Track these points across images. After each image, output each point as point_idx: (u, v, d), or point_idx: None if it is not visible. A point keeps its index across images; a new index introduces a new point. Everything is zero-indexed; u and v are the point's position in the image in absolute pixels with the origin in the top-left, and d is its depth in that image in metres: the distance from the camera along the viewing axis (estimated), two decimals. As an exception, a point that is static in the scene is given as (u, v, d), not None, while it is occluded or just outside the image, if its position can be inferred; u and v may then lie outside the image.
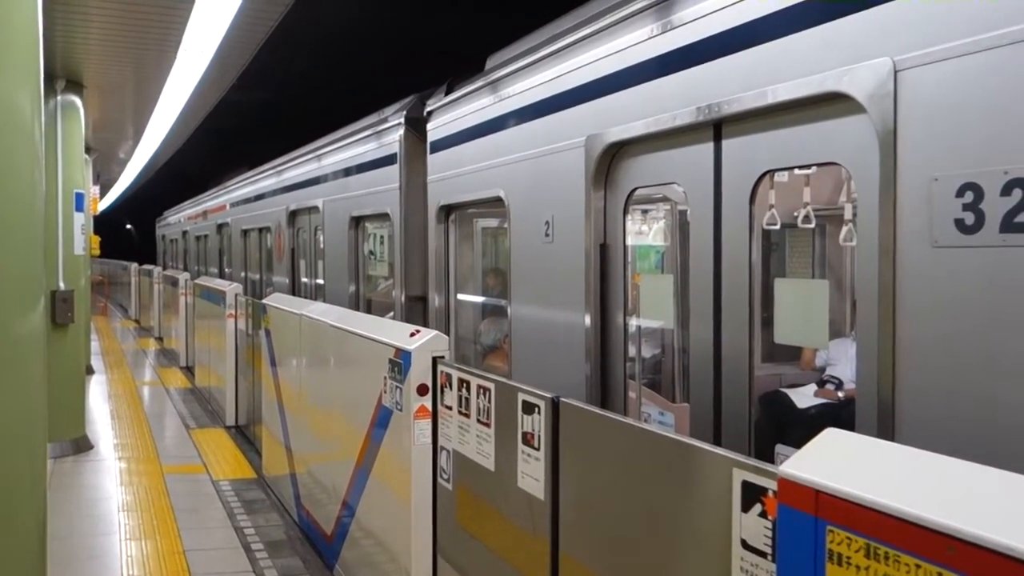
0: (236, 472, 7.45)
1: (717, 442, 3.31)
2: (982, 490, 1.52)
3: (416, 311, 6.40)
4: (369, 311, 7.54)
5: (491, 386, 3.31)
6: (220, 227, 15.70)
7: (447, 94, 5.90)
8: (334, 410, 5.18)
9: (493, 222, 6.17)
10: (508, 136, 4.90)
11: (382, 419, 4.19)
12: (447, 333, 5.31)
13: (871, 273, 2.59)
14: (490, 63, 5.43)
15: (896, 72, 2.47)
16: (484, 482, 3.38)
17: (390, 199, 6.72)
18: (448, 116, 5.82)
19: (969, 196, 2.24)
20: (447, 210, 5.95)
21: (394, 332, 4.23)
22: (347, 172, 8.02)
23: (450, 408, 3.66)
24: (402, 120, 6.58)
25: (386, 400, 4.12)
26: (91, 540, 5.72)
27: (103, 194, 24.24)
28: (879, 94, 2.52)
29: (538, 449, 2.95)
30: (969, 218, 2.24)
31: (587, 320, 4.06)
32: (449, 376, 3.67)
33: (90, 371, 12.78)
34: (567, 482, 2.85)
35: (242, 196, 13.70)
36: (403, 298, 6.56)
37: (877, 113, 2.53)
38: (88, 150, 12.35)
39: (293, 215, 10.14)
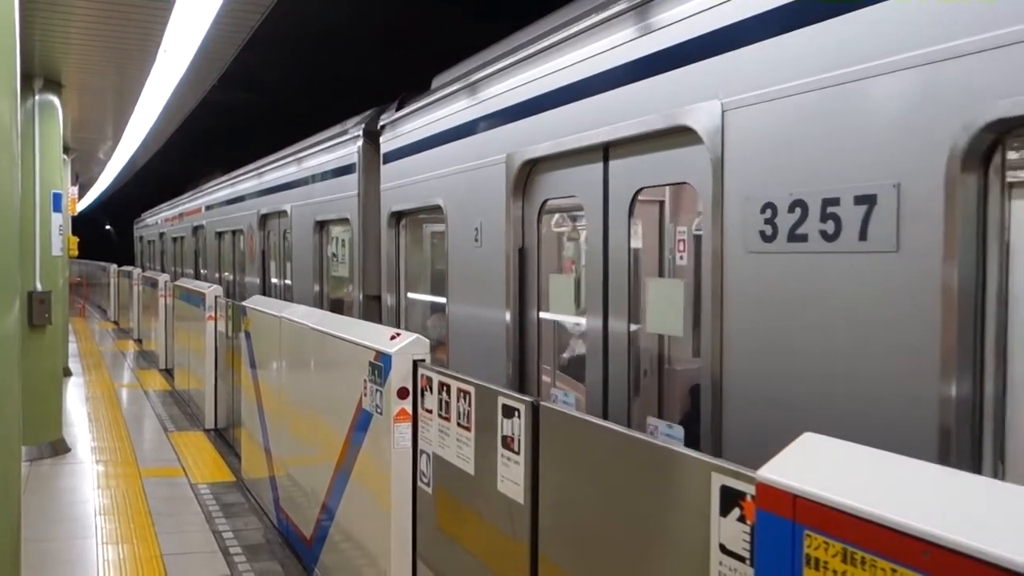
0: (215, 475, 7.40)
1: (605, 416, 3.83)
2: (957, 495, 1.54)
3: (372, 309, 6.86)
4: (333, 310, 7.81)
5: (471, 390, 3.30)
6: (196, 229, 16.00)
7: (398, 110, 6.36)
8: (314, 413, 5.16)
9: (438, 227, 6.42)
10: (447, 151, 5.39)
11: (362, 422, 4.17)
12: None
13: (708, 275, 3.07)
14: (435, 83, 5.85)
15: (723, 112, 2.98)
16: (464, 486, 3.38)
17: (350, 205, 7.20)
18: (398, 130, 6.29)
19: (769, 212, 2.76)
20: (398, 216, 6.40)
21: (374, 335, 4.22)
22: (312, 179, 8.47)
23: (430, 411, 3.65)
24: (361, 132, 7.04)
25: (366, 403, 4.11)
26: (67, 544, 5.66)
27: (82, 195, 24.05)
28: (712, 129, 3.02)
29: (518, 453, 2.95)
30: (768, 230, 2.76)
31: (507, 315, 4.56)
32: (429, 379, 3.66)
33: (68, 373, 12.67)
34: (547, 486, 2.85)
35: (216, 200, 14.05)
36: (361, 297, 7.06)
37: (711, 144, 3.03)
38: (67, 150, 12.27)
39: (264, 219, 10.52)
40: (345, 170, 7.41)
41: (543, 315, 4.49)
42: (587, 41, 3.89)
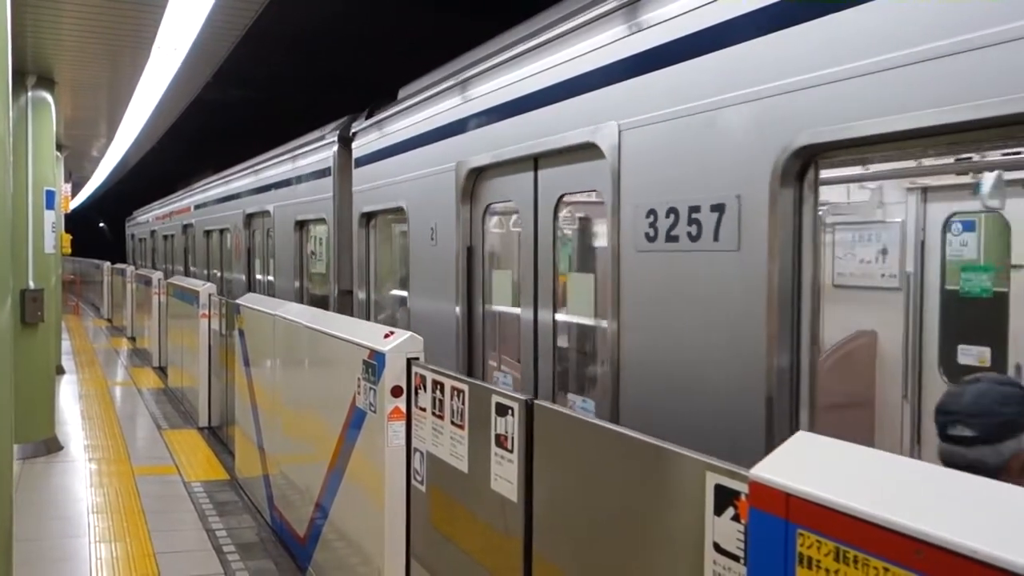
0: (208, 473, 7.39)
1: (535, 393, 4.29)
2: (950, 494, 1.54)
3: (346, 303, 7.34)
4: (312, 304, 8.13)
5: (465, 388, 3.30)
6: (185, 227, 16.56)
7: (367, 118, 6.88)
8: (308, 411, 5.15)
9: (404, 227, 6.85)
10: (408, 157, 5.89)
11: (356, 420, 4.17)
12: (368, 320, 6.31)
13: (608, 270, 3.56)
14: (401, 94, 6.32)
15: (620, 132, 3.47)
16: (457, 484, 3.37)
17: (326, 206, 7.74)
18: (368, 137, 6.81)
19: (652, 218, 3.26)
20: (368, 217, 6.89)
21: (368, 333, 4.21)
22: (292, 181, 9.04)
23: (424, 410, 3.64)
24: (336, 138, 7.56)
25: (360, 402, 4.10)
26: (60, 542, 5.65)
27: (75, 192, 23.95)
28: (611, 146, 3.52)
29: (511, 451, 2.95)
30: (652, 232, 3.26)
31: (458, 306, 5.08)
32: (423, 378, 3.65)
33: (61, 371, 12.63)
34: (540, 484, 2.84)
35: (204, 199, 14.65)
36: (336, 292, 7.59)
37: (610, 159, 3.53)
38: (60, 147, 12.20)
39: (249, 218, 11.06)
40: (321, 173, 7.93)
41: (488, 306, 5.03)
42: (520, 64, 4.42)
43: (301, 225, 8.77)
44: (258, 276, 10.92)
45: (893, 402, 5.17)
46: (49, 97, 8.59)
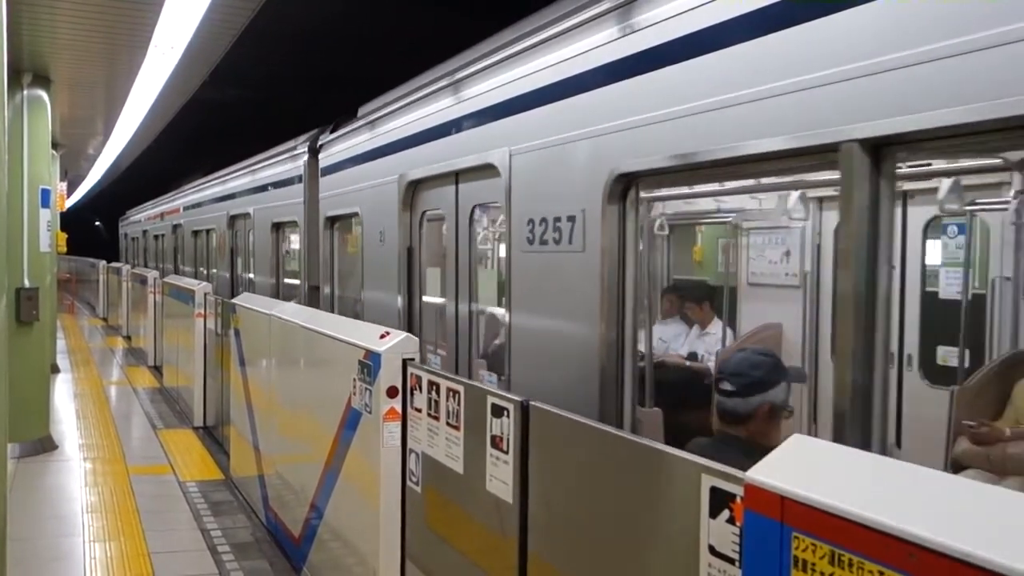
0: (203, 473, 7.38)
1: (456, 370, 4.94)
2: (944, 497, 1.54)
3: (315, 298, 7.99)
4: (286, 299, 8.58)
5: (460, 389, 3.30)
6: (175, 227, 17.27)
7: (332, 132, 7.59)
8: (303, 411, 5.14)
9: (360, 230, 7.37)
10: (363, 169, 6.59)
11: (351, 421, 4.17)
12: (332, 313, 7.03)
13: (504, 267, 4.27)
14: (360, 111, 6.96)
15: (511, 155, 4.18)
16: (453, 485, 3.37)
17: (297, 210, 8.45)
18: (332, 149, 7.52)
19: (530, 225, 3.96)
20: (332, 220, 7.57)
21: (364, 333, 4.21)
22: (269, 187, 9.82)
23: (420, 411, 3.64)
24: (306, 149, 8.25)
25: (355, 402, 4.10)
26: (54, 542, 5.64)
27: (71, 191, 23.91)
28: (504, 167, 4.23)
29: (507, 452, 2.95)
30: (531, 237, 3.96)
31: (400, 298, 5.78)
32: (419, 378, 3.65)
33: (56, 370, 12.60)
34: (536, 485, 2.85)
35: (192, 201, 15.45)
36: (306, 288, 8.24)
37: (504, 177, 4.23)
38: (55, 145, 12.18)
39: (232, 220, 11.76)
40: (294, 180, 8.66)
41: (424, 298, 5.73)
42: (446, 94, 5.12)
43: (277, 227, 9.42)
44: (240, 273, 11.49)
45: (794, 388, 5.55)
46: (45, 95, 8.57)
